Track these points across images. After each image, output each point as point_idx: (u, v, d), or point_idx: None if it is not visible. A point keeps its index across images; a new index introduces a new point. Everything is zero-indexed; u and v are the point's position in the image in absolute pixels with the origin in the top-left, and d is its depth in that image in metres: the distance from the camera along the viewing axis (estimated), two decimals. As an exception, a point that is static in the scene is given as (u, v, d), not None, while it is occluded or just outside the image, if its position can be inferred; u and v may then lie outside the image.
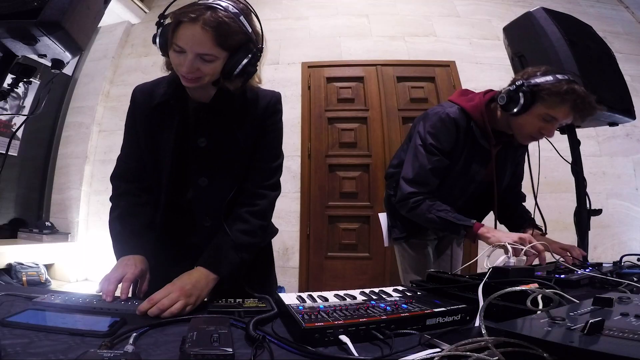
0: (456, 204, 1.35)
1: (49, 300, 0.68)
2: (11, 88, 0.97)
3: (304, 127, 3.19)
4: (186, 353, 0.45)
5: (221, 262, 0.87)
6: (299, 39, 3.50)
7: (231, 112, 0.95)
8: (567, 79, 1.16)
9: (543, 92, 1.16)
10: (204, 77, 0.86)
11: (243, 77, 0.88)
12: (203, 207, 0.99)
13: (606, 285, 0.93)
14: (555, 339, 0.40)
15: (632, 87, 1.63)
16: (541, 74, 1.19)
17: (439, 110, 1.33)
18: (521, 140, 1.30)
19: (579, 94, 1.13)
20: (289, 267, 3.00)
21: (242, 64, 0.85)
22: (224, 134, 0.95)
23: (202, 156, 0.95)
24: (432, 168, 1.29)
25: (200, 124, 0.96)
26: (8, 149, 2.25)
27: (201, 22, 0.78)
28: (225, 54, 0.84)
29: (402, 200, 1.34)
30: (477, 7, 3.61)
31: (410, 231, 1.47)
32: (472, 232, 1.21)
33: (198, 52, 0.81)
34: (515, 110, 1.19)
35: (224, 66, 0.85)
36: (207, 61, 0.83)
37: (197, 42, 0.80)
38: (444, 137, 1.30)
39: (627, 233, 2.96)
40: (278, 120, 1.03)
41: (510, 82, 1.26)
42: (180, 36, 0.80)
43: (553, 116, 1.18)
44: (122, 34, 3.86)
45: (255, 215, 0.95)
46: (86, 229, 3.43)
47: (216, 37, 0.79)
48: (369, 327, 0.55)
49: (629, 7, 3.68)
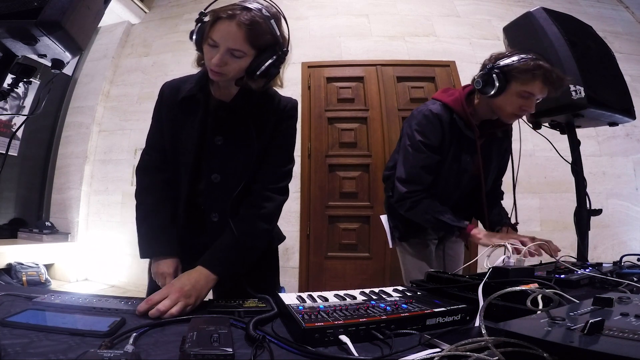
0: (453, 198, 1.41)
1: (49, 300, 0.68)
2: (11, 88, 0.97)
3: (304, 127, 3.18)
4: (186, 353, 0.45)
5: (222, 262, 0.88)
6: (299, 39, 3.49)
7: (249, 113, 0.99)
8: (531, 57, 1.22)
9: (514, 71, 1.22)
10: (230, 73, 0.91)
11: (266, 77, 0.94)
12: (213, 203, 1.01)
13: (606, 285, 0.93)
14: (555, 339, 0.40)
15: (632, 87, 1.63)
16: (507, 56, 1.26)
17: (423, 109, 1.39)
18: (506, 120, 1.35)
19: (546, 69, 1.20)
20: (289, 267, 3.00)
21: (267, 64, 0.91)
22: (240, 134, 0.99)
23: (217, 154, 0.99)
24: (423, 165, 1.34)
25: (218, 123, 1.00)
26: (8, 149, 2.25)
27: (237, 19, 0.85)
28: (253, 52, 0.90)
29: (400, 200, 1.38)
30: (477, 7, 3.61)
31: (410, 231, 1.50)
32: (465, 233, 1.27)
33: (230, 47, 0.87)
34: (492, 92, 1.25)
35: (250, 64, 0.90)
36: (236, 57, 0.89)
37: (231, 38, 0.86)
38: (430, 133, 1.35)
39: (627, 233, 2.96)
40: (292, 126, 1.06)
41: (480, 67, 1.33)
42: (216, 31, 0.87)
43: (529, 92, 1.23)
44: (122, 34, 3.87)
45: (261, 217, 0.97)
46: (86, 229, 3.44)
47: (248, 35, 0.86)
48: (369, 327, 0.55)
49: (629, 7, 3.68)
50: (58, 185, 3.53)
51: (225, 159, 0.99)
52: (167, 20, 3.89)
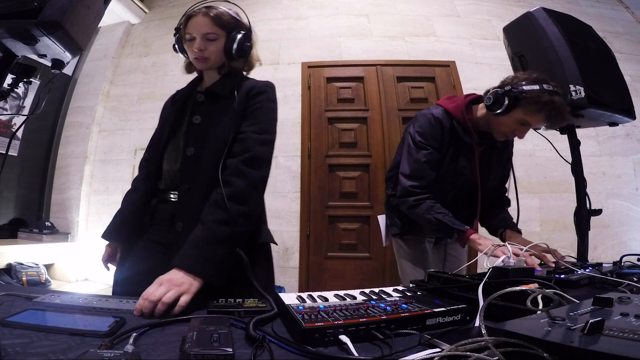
0: (447, 198, 1.44)
1: (49, 300, 0.68)
2: (11, 88, 0.97)
3: (304, 127, 3.18)
4: (186, 353, 0.45)
5: (198, 261, 0.81)
6: (299, 39, 3.50)
7: (224, 93, 1.09)
8: (551, 90, 1.24)
9: (525, 100, 1.26)
10: (211, 56, 1.07)
11: (243, 54, 1.09)
12: (186, 176, 1.03)
13: (606, 285, 0.93)
14: (555, 339, 0.40)
15: (632, 87, 1.64)
16: (529, 82, 1.27)
17: (426, 112, 1.48)
18: (496, 136, 1.41)
19: (555, 106, 1.23)
20: (289, 267, 3.00)
21: (238, 39, 1.07)
22: (216, 112, 1.08)
23: (195, 130, 1.08)
24: (426, 161, 1.40)
25: (198, 105, 1.11)
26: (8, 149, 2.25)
27: (202, 11, 1.07)
28: (224, 33, 1.07)
29: (404, 195, 1.42)
30: (477, 7, 3.61)
31: (405, 227, 1.53)
32: (464, 237, 1.29)
33: (203, 32, 1.05)
34: (498, 112, 1.30)
35: (225, 44, 1.07)
36: (210, 39, 1.06)
37: (202, 25, 1.05)
38: (431, 134, 1.42)
39: (627, 233, 2.96)
40: (264, 100, 1.08)
41: (499, 83, 1.35)
42: (189, 26, 1.07)
43: (528, 121, 1.29)
44: (122, 34, 3.87)
45: (233, 199, 0.89)
46: (86, 229, 3.43)
47: (214, 20, 1.06)
48: (369, 327, 0.55)
49: (629, 7, 3.68)
50: (58, 185, 3.53)
51: (201, 135, 1.06)
52: (167, 20, 3.89)
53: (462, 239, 1.30)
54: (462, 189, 1.47)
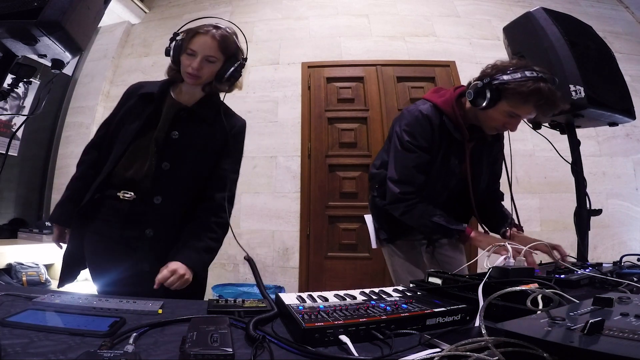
0: (441, 198, 1.39)
1: (49, 300, 0.68)
2: (11, 88, 0.97)
3: (304, 127, 3.18)
4: (186, 353, 0.45)
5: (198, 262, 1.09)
6: (299, 39, 3.50)
7: (207, 118, 1.18)
8: (535, 77, 1.15)
9: (507, 91, 1.18)
10: (204, 76, 1.13)
11: (230, 80, 1.16)
12: (158, 187, 1.12)
13: (606, 285, 0.93)
14: (555, 339, 0.40)
15: (632, 87, 1.63)
16: (511, 71, 1.19)
17: (413, 109, 1.38)
18: (486, 130, 1.34)
19: (542, 94, 1.14)
20: (289, 267, 3.00)
21: (233, 67, 1.14)
22: (195, 132, 1.16)
23: (172, 145, 1.14)
24: (415, 165, 1.33)
25: (178, 121, 1.15)
26: (8, 149, 2.25)
27: (211, 33, 1.11)
28: (223, 59, 1.14)
29: (393, 202, 1.35)
30: (477, 7, 3.61)
31: (396, 232, 1.48)
32: (465, 236, 1.26)
33: (206, 54, 1.11)
34: (482, 106, 1.23)
35: (220, 68, 1.14)
36: (210, 62, 1.12)
37: (207, 47, 1.11)
38: (419, 134, 1.33)
39: (627, 233, 2.96)
40: (241, 140, 1.26)
41: (479, 75, 1.28)
42: (194, 43, 1.11)
43: (516, 113, 1.22)
44: (122, 34, 3.86)
45: (220, 226, 1.16)
46: (86, 229, 3.43)
47: (220, 45, 1.12)
48: (369, 327, 0.55)
49: (629, 7, 3.68)
50: (58, 186, 3.52)
51: (178, 152, 1.14)
52: (167, 20, 3.89)
53: (463, 238, 1.28)
54: (455, 188, 1.43)
